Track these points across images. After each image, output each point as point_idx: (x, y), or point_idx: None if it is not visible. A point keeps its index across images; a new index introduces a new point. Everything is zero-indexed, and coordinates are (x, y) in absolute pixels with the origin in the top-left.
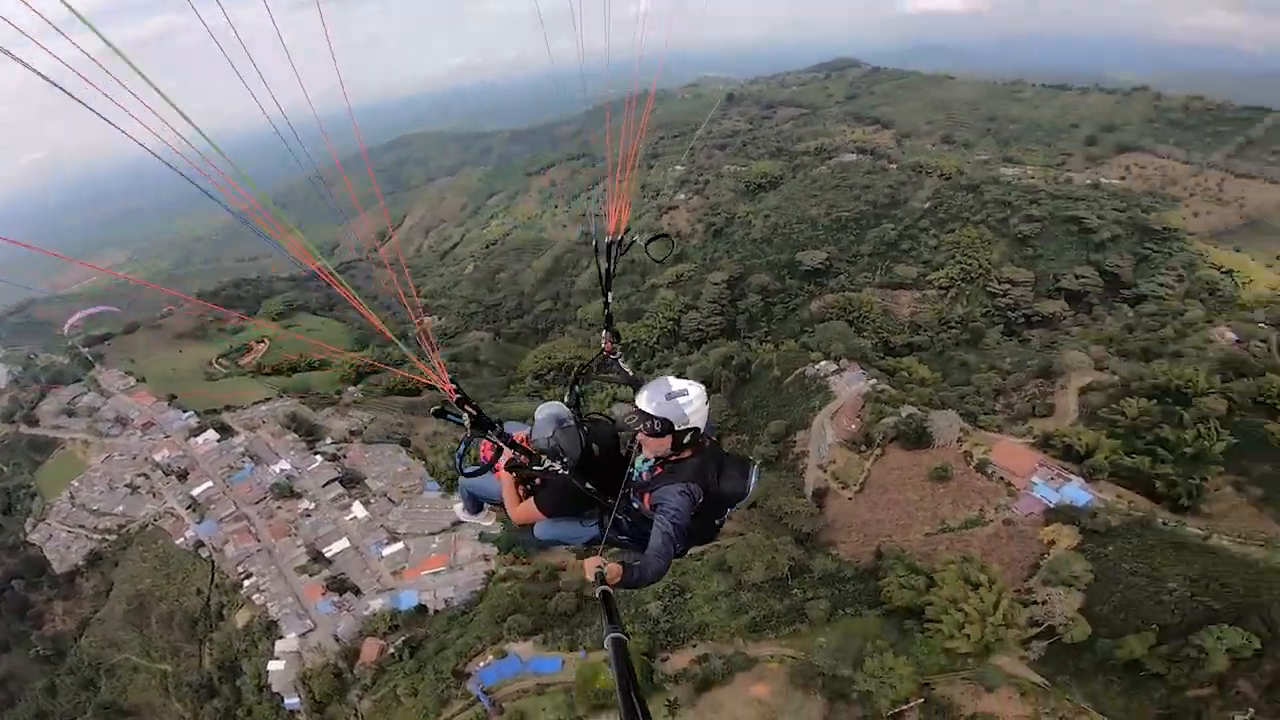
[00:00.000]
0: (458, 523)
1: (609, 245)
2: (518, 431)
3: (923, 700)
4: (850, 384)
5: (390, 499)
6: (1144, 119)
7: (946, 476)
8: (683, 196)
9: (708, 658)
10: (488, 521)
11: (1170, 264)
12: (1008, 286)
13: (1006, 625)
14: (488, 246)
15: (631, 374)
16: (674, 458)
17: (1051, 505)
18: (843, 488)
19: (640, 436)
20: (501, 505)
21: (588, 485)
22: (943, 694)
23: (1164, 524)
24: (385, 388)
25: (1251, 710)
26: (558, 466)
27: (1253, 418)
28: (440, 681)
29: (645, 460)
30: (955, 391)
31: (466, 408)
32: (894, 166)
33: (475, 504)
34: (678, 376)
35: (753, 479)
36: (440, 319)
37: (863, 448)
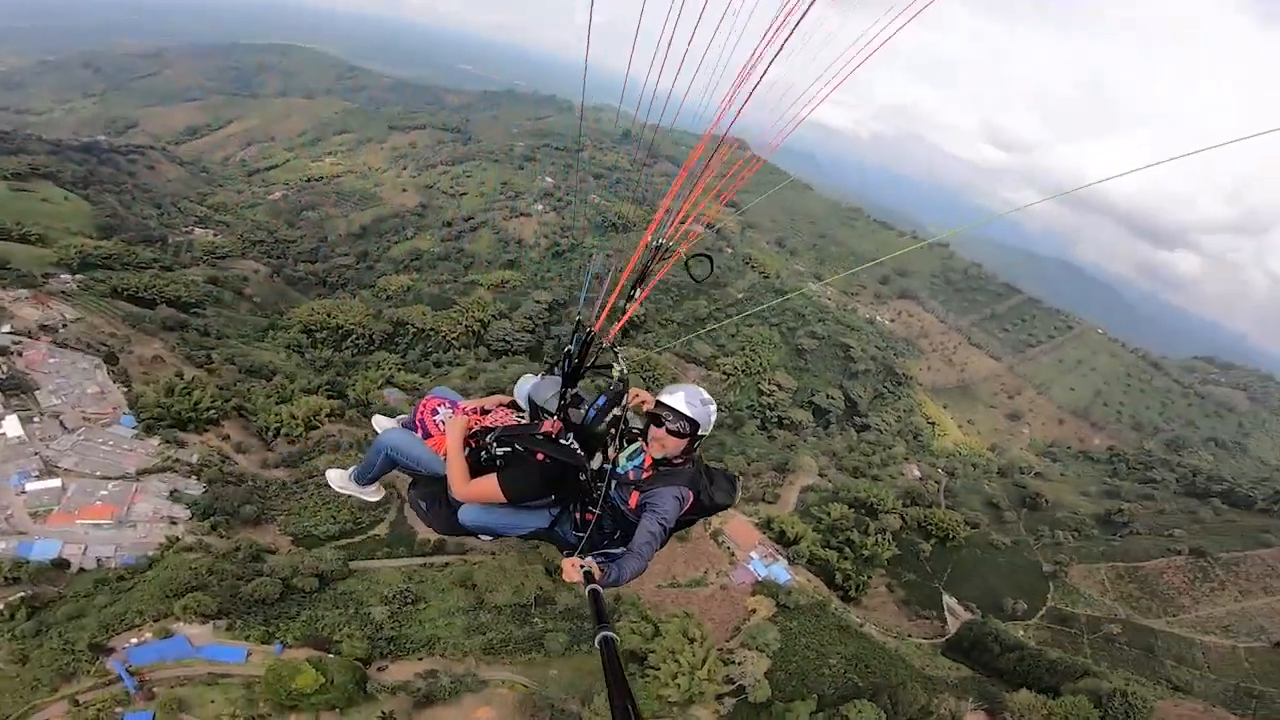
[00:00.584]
0: (145, 471)
1: (589, 337)
2: (482, 401)
3: None
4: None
5: (64, 423)
6: (930, 272)
7: (686, 538)
8: (540, 208)
9: (436, 674)
10: (375, 497)
11: (896, 405)
12: (775, 389)
13: (709, 680)
14: (308, 180)
15: (624, 371)
16: (677, 461)
17: (760, 578)
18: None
19: (656, 433)
20: (426, 477)
21: (583, 475)
22: None
23: (835, 610)
24: (112, 286)
25: None
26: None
27: (913, 537)
28: (66, 653)
29: (632, 458)
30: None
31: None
32: (729, 250)
33: (378, 470)
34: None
35: (737, 492)
36: (215, 235)
37: None
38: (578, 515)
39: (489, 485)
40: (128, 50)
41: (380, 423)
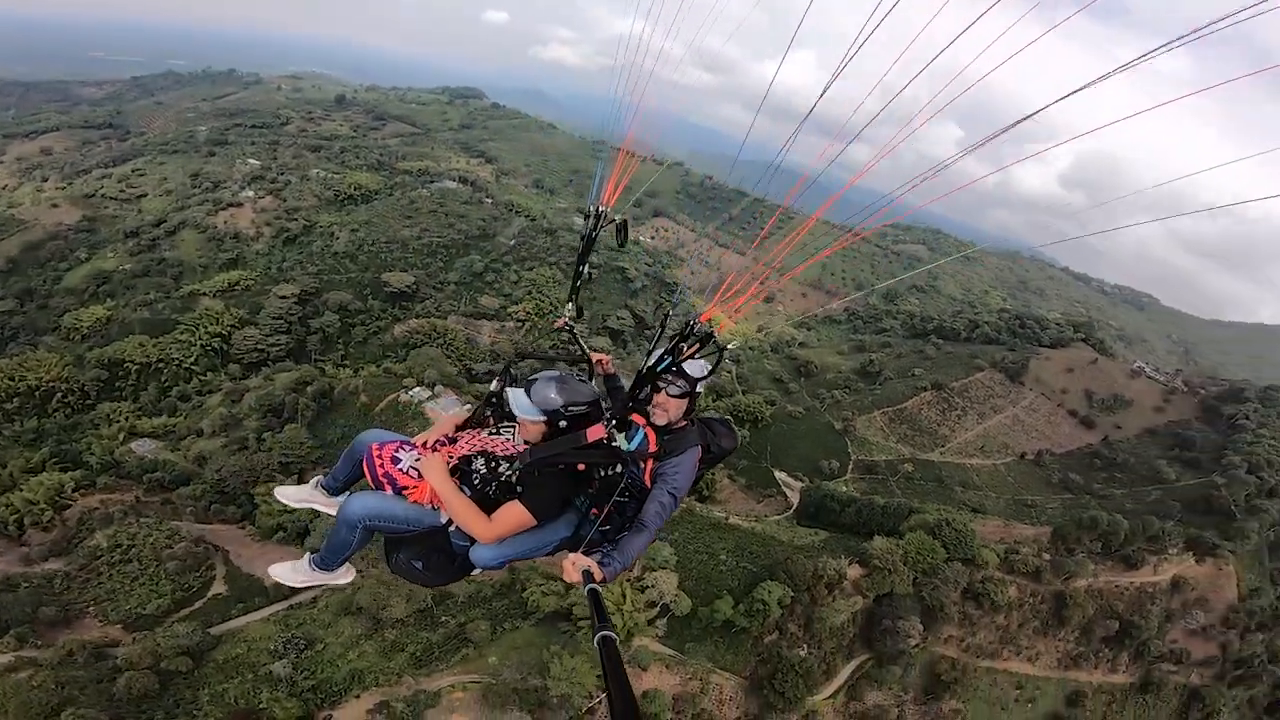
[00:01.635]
0: None
1: (599, 213)
2: (443, 418)
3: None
4: (448, 409)
5: None
6: (674, 190)
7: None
8: (251, 194)
9: (387, 704)
10: (348, 578)
11: (676, 311)
12: (571, 323)
13: (635, 610)
14: None
15: (586, 349)
16: (680, 424)
17: None
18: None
19: (658, 399)
20: (420, 533)
21: (609, 466)
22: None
23: (700, 512)
24: None
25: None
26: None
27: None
28: None
29: (632, 438)
30: None
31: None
32: (489, 201)
33: (355, 547)
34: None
35: (737, 434)
36: None
37: None
38: (594, 511)
39: (515, 514)
40: None
41: (288, 494)
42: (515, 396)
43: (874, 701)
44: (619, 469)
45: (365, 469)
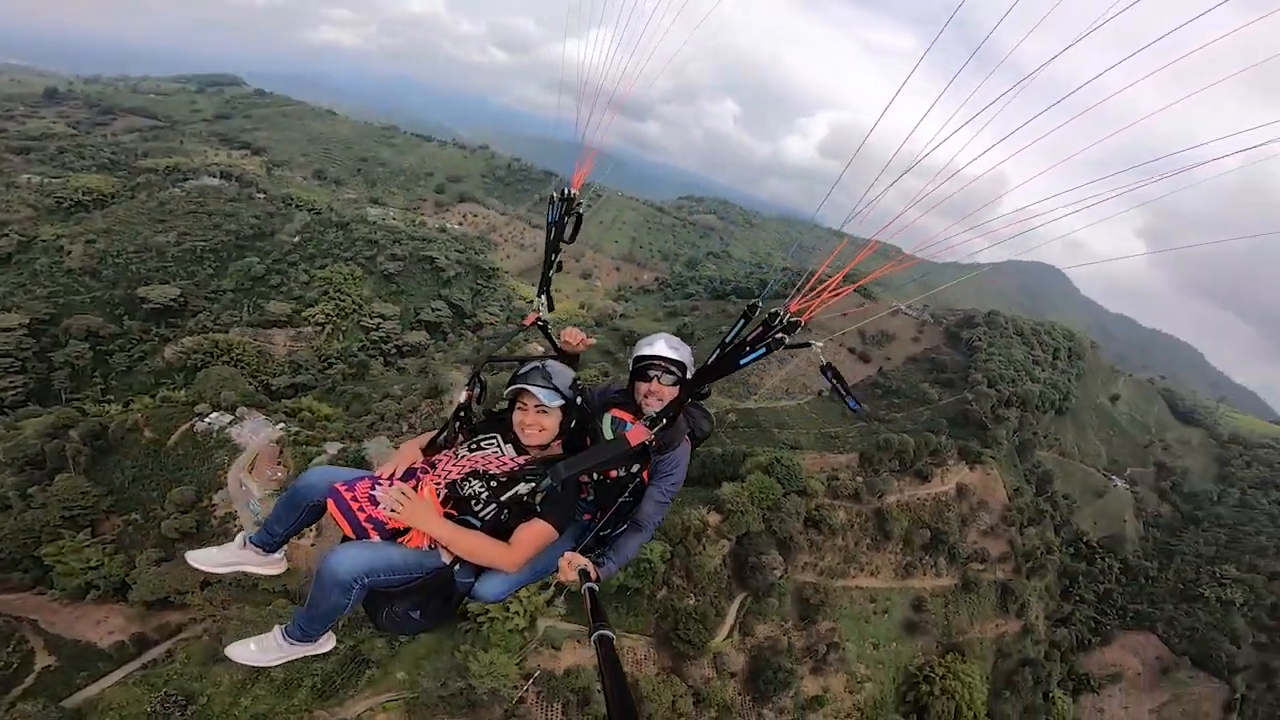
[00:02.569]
0: None
1: (569, 197)
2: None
3: (532, 676)
4: (256, 432)
5: None
6: (480, 174)
7: None
8: None
9: None
10: (329, 645)
11: (495, 297)
12: (379, 320)
13: (534, 594)
14: None
15: (557, 345)
16: (671, 415)
17: None
18: (299, 536)
19: (651, 387)
20: (421, 580)
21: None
22: (535, 664)
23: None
24: None
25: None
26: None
27: None
28: None
29: (615, 426)
30: (363, 422)
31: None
32: (262, 196)
33: (349, 610)
34: None
35: (711, 417)
36: None
37: None
38: (585, 516)
39: (540, 532)
40: None
41: (206, 558)
42: (537, 390)
43: (764, 634)
44: (634, 470)
45: (338, 516)
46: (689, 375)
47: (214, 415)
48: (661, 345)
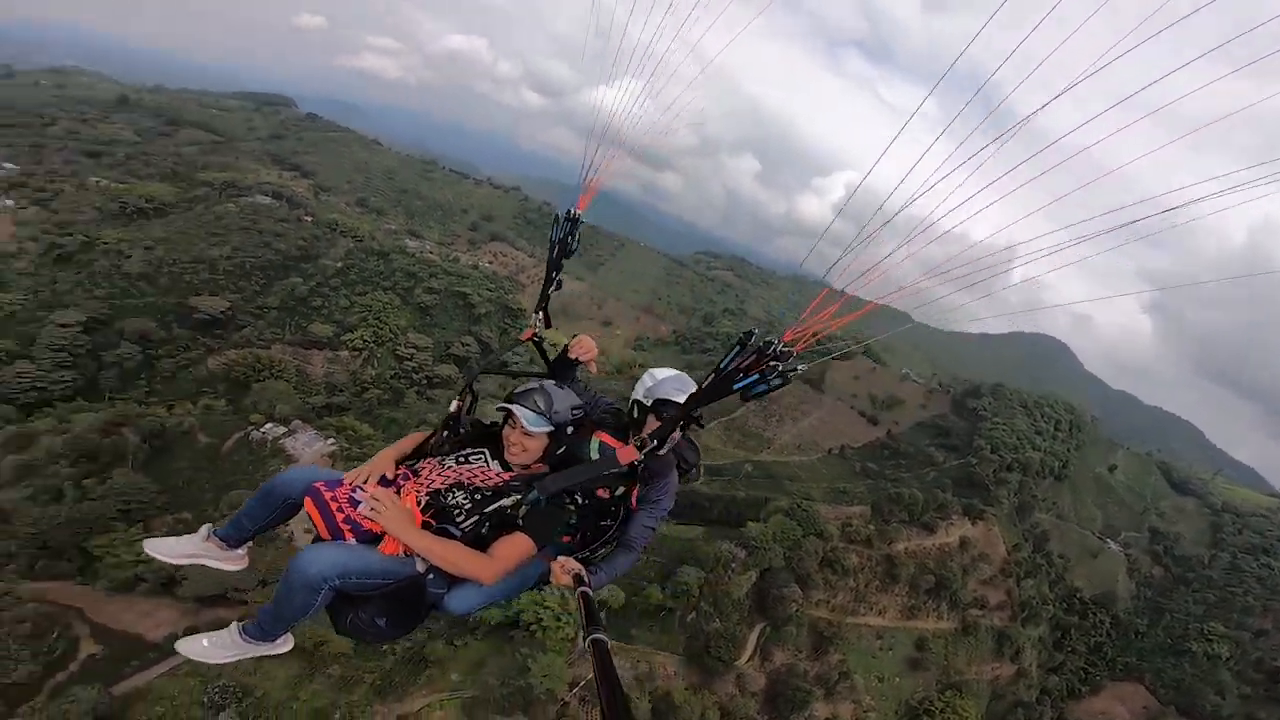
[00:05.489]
0: None
1: (572, 217)
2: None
3: (578, 684)
4: (308, 445)
5: None
6: (511, 214)
7: None
8: (10, 203)
9: None
10: (286, 647)
11: (520, 336)
12: (413, 351)
13: (578, 609)
14: None
15: (550, 360)
16: (661, 437)
17: None
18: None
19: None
20: (393, 587)
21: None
22: (578, 673)
23: None
24: None
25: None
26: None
27: None
28: None
29: (608, 449)
30: None
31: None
32: (310, 219)
33: (315, 610)
34: None
35: (699, 448)
36: None
37: None
38: (565, 539)
39: (520, 545)
40: None
41: (164, 547)
42: (521, 411)
43: (780, 660)
44: (619, 492)
45: (315, 515)
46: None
47: (268, 425)
48: (668, 384)
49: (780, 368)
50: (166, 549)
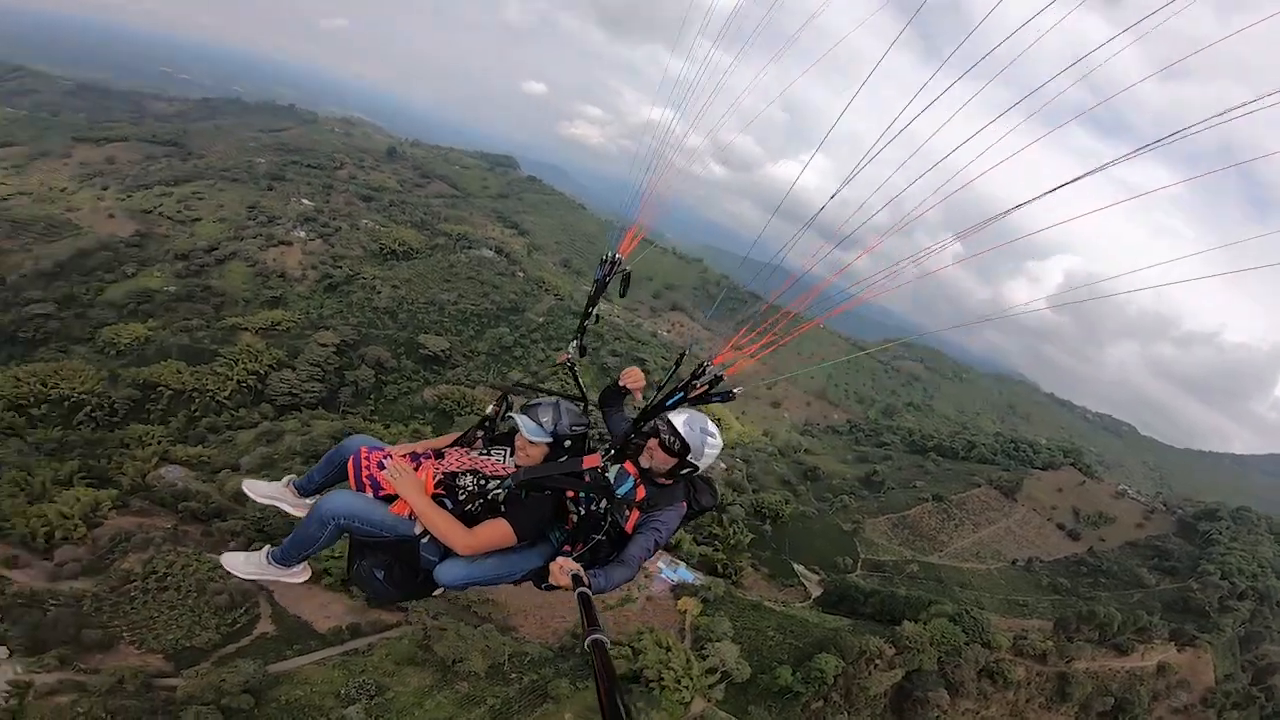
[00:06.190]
0: None
1: (614, 261)
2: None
3: None
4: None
5: None
6: (692, 285)
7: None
8: (303, 234)
9: None
10: (303, 577)
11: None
12: (592, 408)
13: (699, 675)
14: None
15: (584, 390)
16: (665, 481)
17: (674, 583)
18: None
19: (651, 442)
20: (389, 541)
21: (597, 505)
22: None
23: (739, 594)
24: None
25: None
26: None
27: (753, 521)
28: None
29: (625, 478)
30: None
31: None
32: (521, 275)
33: (322, 544)
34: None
35: (718, 493)
36: None
37: None
38: (566, 547)
39: (499, 529)
40: None
41: (256, 488)
42: (523, 420)
43: None
44: (603, 505)
45: (350, 470)
46: (690, 459)
47: None
48: (681, 418)
49: (709, 391)
50: (257, 489)
